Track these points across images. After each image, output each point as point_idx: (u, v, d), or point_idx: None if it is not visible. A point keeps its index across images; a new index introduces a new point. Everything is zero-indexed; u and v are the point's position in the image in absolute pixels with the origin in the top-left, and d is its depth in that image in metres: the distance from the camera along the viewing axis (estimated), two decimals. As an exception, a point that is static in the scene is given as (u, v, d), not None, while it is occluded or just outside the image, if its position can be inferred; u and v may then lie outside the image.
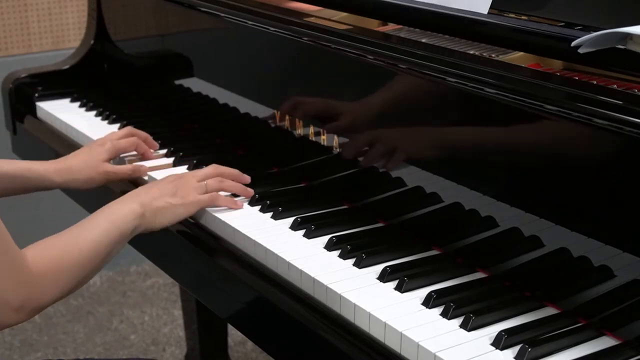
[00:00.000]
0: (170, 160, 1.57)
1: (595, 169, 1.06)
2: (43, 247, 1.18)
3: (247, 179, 1.42)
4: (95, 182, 1.50)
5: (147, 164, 1.55)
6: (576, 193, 1.08)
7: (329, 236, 1.26)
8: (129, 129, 1.62)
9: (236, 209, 1.36)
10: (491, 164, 1.19)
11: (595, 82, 1.08)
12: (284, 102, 1.50)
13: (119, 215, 1.25)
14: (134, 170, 1.51)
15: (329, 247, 1.24)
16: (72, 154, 1.55)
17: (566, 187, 1.09)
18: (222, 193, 1.38)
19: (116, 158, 1.57)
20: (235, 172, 1.41)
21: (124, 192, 1.53)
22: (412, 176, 1.29)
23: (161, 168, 1.54)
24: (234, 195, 1.40)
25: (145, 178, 1.52)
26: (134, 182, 1.53)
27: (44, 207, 2.94)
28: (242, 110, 1.63)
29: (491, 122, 1.17)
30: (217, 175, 1.39)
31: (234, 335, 2.56)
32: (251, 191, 1.40)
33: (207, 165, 1.53)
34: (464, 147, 1.21)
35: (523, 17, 1.26)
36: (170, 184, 1.34)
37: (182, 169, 1.54)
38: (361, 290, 1.13)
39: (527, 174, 1.14)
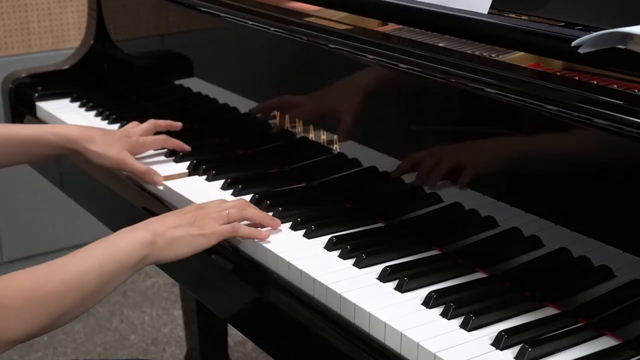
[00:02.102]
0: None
1: (595, 169, 1.06)
2: (20, 275, 1.07)
3: (278, 222, 1.30)
4: (109, 162, 1.51)
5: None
6: (576, 193, 1.08)
7: (329, 236, 1.26)
8: (151, 122, 1.62)
9: (261, 239, 1.26)
10: (491, 164, 1.19)
11: (595, 82, 1.08)
12: (284, 102, 1.50)
13: (121, 245, 1.16)
14: (147, 172, 1.50)
15: (329, 247, 1.24)
16: (98, 128, 1.57)
17: (566, 187, 1.09)
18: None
19: (140, 154, 1.58)
20: (264, 215, 1.30)
21: (128, 195, 1.54)
22: (412, 176, 1.29)
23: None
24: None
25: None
26: (144, 188, 1.53)
27: (44, 208, 2.94)
28: (242, 110, 1.63)
29: (491, 122, 1.17)
30: (238, 209, 1.28)
31: (234, 335, 2.56)
32: (278, 221, 1.30)
33: (206, 164, 1.54)
34: (464, 147, 1.21)
35: (523, 17, 1.26)
36: (188, 214, 1.25)
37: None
38: (361, 290, 1.13)
39: (527, 174, 1.14)
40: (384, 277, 1.15)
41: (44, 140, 1.49)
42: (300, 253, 1.23)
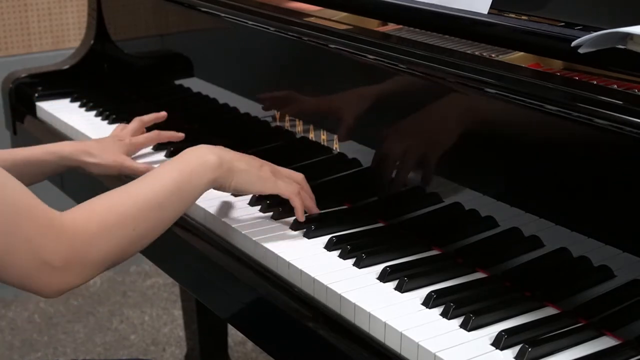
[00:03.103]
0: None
1: (596, 169, 1.06)
2: (96, 200, 1.10)
3: (317, 211, 1.33)
4: (109, 169, 1.51)
5: None
6: (576, 193, 1.08)
7: (329, 236, 1.26)
8: (137, 120, 1.63)
9: (300, 219, 1.29)
10: (491, 164, 1.19)
11: (595, 82, 1.08)
12: (284, 102, 1.51)
13: (191, 165, 1.18)
14: (148, 170, 1.51)
15: (329, 247, 1.24)
16: (92, 139, 1.57)
17: (566, 187, 1.09)
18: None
19: (135, 153, 1.59)
20: (311, 202, 1.33)
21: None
22: (412, 176, 1.29)
23: None
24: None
25: None
26: None
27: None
28: (242, 110, 1.63)
29: (491, 122, 1.17)
30: (302, 185, 1.32)
31: (234, 335, 2.56)
32: (317, 209, 1.33)
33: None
34: (464, 147, 1.21)
35: (523, 17, 1.26)
36: (257, 160, 1.29)
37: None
38: (361, 290, 1.13)
39: (527, 174, 1.14)
40: (384, 277, 1.15)
41: (40, 160, 1.48)
42: (300, 253, 1.23)
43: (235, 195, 1.42)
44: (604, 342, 1.02)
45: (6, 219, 0.99)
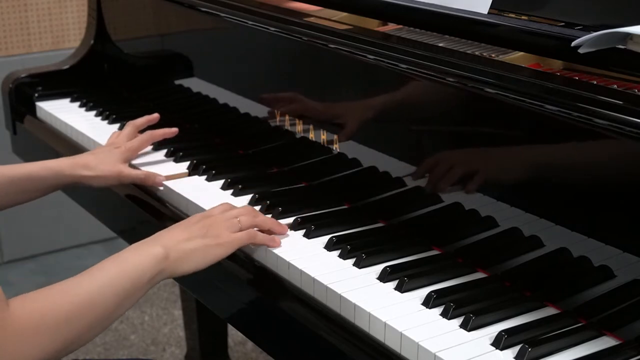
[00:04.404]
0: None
1: (595, 169, 1.06)
2: (32, 297, 1.04)
3: (286, 229, 1.28)
4: (108, 180, 1.50)
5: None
6: (576, 193, 1.08)
7: (329, 236, 1.26)
8: (130, 125, 1.62)
9: (275, 247, 1.24)
10: (491, 164, 1.19)
11: (595, 82, 1.08)
12: (284, 102, 1.50)
13: (134, 261, 1.12)
14: (147, 177, 1.50)
15: (329, 247, 1.24)
16: (87, 152, 1.56)
17: (566, 187, 1.09)
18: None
19: (133, 159, 1.58)
20: (272, 221, 1.28)
21: (128, 196, 1.54)
22: (412, 176, 1.29)
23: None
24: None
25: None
26: (145, 189, 1.53)
27: (44, 207, 2.93)
28: (242, 110, 1.63)
29: (491, 122, 1.17)
30: (249, 216, 1.26)
31: (234, 335, 2.56)
32: (286, 228, 1.28)
33: (206, 164, 1.54)
34: (464, 147, 1.21)
35: (523, 17, 1.26)
36: (197, 225, 1.21)
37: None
38: (361, 290, 1.13)
39: (527, 174, 1.14)
40: (384, 277, 1.15)
41: (37, 176, 1.47)
42: (300, 253, 1.23)
43: (236, 195, 1.42)
44: (604, 342, 1.02)
45: None
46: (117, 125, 1.80)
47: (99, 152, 1.55)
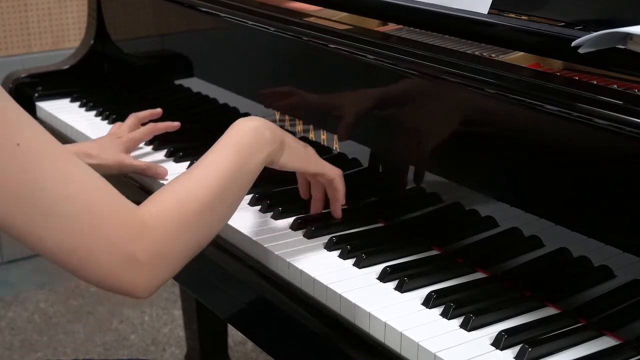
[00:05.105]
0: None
1: (595, 169, 1.06)
2: (161, 195, 1.06)
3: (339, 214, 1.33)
4: (110, 169, 1.50)
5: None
6: (576, 193, 1.08)
7: (329, 236, 1.26)
8: (133, 117, 1.63)
9: (341, 203, 1.31)
10: (491, 163, 1.19)
11: (595, 82, 1.08)
12: (284, 102, 1.50)
13: (248, 142, 1.16)
14: (149, 167, 1.51)
15: (329, 247, 1.24)
16: (89, 141, 1.57)
17: (566, 187, 1.09)
18: None
19: (135, 149, 1.59)
20: (343, 195, 1.33)
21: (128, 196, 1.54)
22: (412, 176, 1.29)
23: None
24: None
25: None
26: (146, 190, 1.53)
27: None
28: (242, 110, 1.63)
29: (491, 122, 1.17)
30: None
31: (234, 335, 2.56)
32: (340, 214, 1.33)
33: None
34: (464, 147, 1.21)
35: (523, 17, 1.26)
36: (301, 141, 1.27)
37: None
38: (361, 290, 1.13)
39: (527, 174, 1.14)
40: (384, 277, 1.15)
41: None
42: (300, 253, 1.23)
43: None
44: (604, 342, 1.02)
45: (90, 218, 0.96)
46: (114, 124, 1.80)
47: (101, 141, 1.56)
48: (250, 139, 1.17)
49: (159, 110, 1.66)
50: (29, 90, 2.00)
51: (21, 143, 0.93)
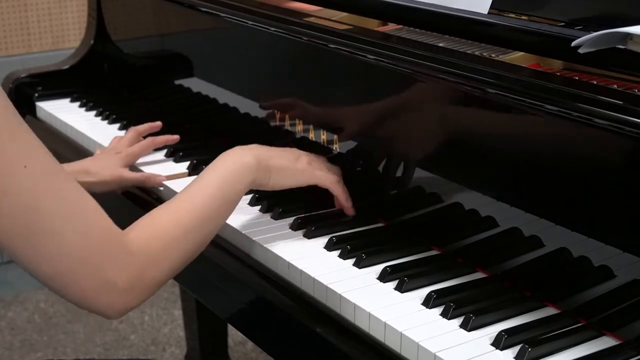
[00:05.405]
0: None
1: (595, 169, 1.06)
2: (145, 223, 1.10)
3: (351, 211, 1.34)
4: (109, 185, 1.50)
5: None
6: (576, 193, 1.08)
7: (329, 236, 1.26)
8: (132, 131, 1.62)
9: (347, 207, 1.32)
10: (491, 163, 1.19)
11: (595, 82, 1.08)
12: (284, 102, 1.50)
13: (230, 170, 1.20)
14: (147, 178, 1.51)
15: (329, 247, 1.24)
16: (88, 158, 1.56)
17: (566, 187, 1.09)
18: None
19: (133, 164, 1.58)
20: (347, 196, 1.35)
21: (128, 196, 1.54)
22: (412, 176, 1.29)
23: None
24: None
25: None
26: (145, 189, 1.53)
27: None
28: (242, 110, 1.63)
29: (491, 122, 1.17)
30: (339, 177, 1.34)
31: (234, 335, 2.56)
32: (352, 210, 1.34)
33: (206, 164, 1.53)
34: (464, 147, 1.21)
35: (523, 17, 1.26)
36: (293, 152, 1.31)
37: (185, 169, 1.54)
38: (361, 290, 1.13)
39: (527, 174, 1.14)
40: (384, 277, 1.15)
41: None
42: (300, 253, 1.23)
43: None
44: (604, 342, 1.02)
45: (78, 241, 0.99)
46: (117, 125, 1.80)
47: (100, 157, 1.55)
48: (233, 167, 1.21)
49: (158, 124, 1.65)
50: (29, 90, 2.00)
51: (28, 165, 0.95)
